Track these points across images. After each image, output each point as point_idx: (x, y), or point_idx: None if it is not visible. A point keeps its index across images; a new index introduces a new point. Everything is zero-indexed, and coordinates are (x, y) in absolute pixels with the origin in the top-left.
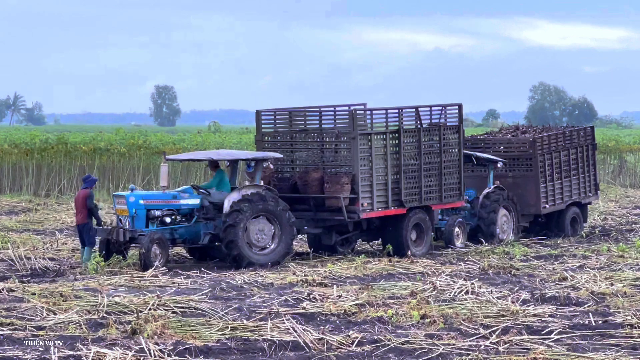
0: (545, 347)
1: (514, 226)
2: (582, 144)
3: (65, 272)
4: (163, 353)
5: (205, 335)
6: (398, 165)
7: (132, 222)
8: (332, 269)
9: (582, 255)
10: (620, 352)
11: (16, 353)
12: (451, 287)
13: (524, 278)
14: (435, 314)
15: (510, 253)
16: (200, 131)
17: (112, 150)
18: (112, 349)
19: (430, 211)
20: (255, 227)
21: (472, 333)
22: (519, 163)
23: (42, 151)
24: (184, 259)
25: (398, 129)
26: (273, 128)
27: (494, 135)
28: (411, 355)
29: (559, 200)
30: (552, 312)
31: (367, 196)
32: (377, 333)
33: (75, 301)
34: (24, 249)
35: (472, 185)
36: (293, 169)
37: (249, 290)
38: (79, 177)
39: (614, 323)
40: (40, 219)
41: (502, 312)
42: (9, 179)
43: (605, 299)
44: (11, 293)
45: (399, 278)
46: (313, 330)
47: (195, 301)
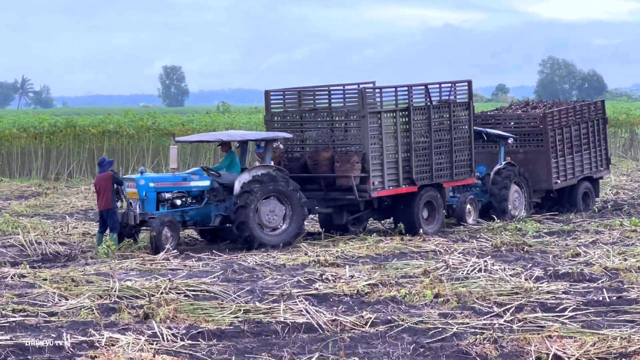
0: (559, 324)
1: (526, 202)
2: (593, 118)
3: (77, 257)
4: (176, 337)
5: (218, 319)
6: (408, 143)
7: (142, 205)
8: (344, 248)
9: (594, 230)
10: (635, 327)
11: (29, 339)
12: (464, 265)
13: (537, 254)
14: (448, 292)
15: (522, 229)
16: (209, 112)
17: (121, 132)
18: (125, 333)
19: (442, 189)
20: (266, 208)
21: (486, 311)
22: (530, 139)
23: (50, 135)
24: (195, 241)
25: (408, 107)
26: (282, 108)
27: (504, 111)
28: (425, 335)
29: (570, 176)
30: (566, 289)
31: (377, 175)
32: (391, 313)
33: (86, 286)
34: (34, 233)
35: (483, 162)
36: (303, 148)
37: (261, 272)
38: (89, 160)
39: (628, 299)
40: (50, 203)
41: (516, 289)
42: (17, 163)
43: (619, 274)
44: (22, 279)
45: (411, 257)
46: (326, 312)
47: (207, 284)
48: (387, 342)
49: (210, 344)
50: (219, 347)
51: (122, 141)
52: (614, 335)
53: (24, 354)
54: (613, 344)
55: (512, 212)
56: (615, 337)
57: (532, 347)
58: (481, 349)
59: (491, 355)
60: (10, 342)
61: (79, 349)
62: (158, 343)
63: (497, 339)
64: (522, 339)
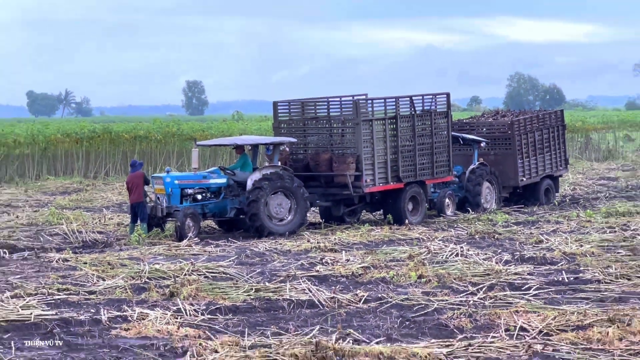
0: (525, 301)
1: (496, 197)
2: (554, 125)
3: (112, 244)
4: (197, 312)
5: (233, 297)
6: (396, 147)
7: (168, 199)
8: (340, 236)
9: (555, 220)
10: (589, 304)
11: (72, 314)
12: (443, 251)
13: (506, 241)
14: (430, 274)
15: (493, 220)
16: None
17: (150, 137)
18: (154, 309)
19: (424, 185)
20: (274, 202)
21: (462, 290)
22: (500, 142)
23: (90, 139)
24: (213, 230)
25: (395, 115)
26: (288, 116)
27: (477, 119)
28: (410, 310)
29: (534, 174)
30: (531, 271)
31: (369, 173)
32: (381, 291)
33: (120, 269)
34: (76, 224)
35: (460, 162)
36: (306, 151)
37: (270, 257)
38: (122, 162)
39: (583, 279)
40: (89, 198)
41: (488, 271)
42: (62, 164)
43: (575, 258)
44: (66, 262)
45: (398, 243)
46: (326, 290)
47: (224, 267)
48: (378, 316)
49: (227, 318)
50: (234, 320)
51: (151, 145)
52: (572, 310)
53: (67, 327)
54: (571, 317)
55: (484, 205)
56: (572, 312)
57: (501, 321)
58: (458, 322)
59: (467, 328)
60: (55, 317)
61: (114, 322)
62: (182, 317)
63: (471, 314)
64: (493, 313)
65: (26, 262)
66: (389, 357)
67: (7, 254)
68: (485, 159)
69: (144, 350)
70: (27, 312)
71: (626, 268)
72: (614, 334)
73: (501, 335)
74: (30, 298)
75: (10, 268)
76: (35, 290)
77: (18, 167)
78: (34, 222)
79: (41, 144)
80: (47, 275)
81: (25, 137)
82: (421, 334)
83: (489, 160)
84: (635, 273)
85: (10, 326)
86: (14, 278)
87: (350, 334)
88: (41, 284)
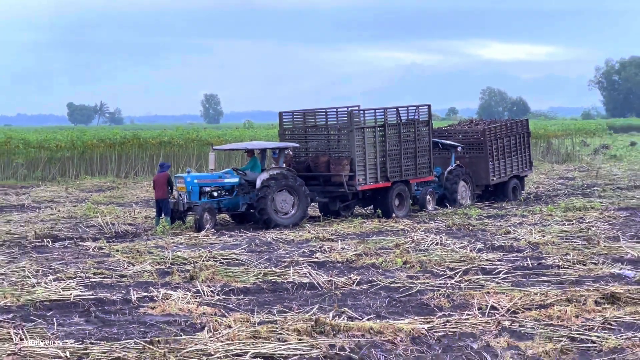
0: (495, 283)
1: (471, 194)
2: (520, 132)
3: (141, 234)
4: (213, 293)
5: (244, 279)
6: (384, 151)
7: (189, 196)
8: (337, 228)
9: (521, 214)
10: (550, 286)
11: (106, 295)
12: (425, 240)
13: (479, 232)
14: (413, 260)
15: (468, 214)
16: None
17: (173, 142)
18: (176, 290)
19: (409, 184)
20: (280, 198)
21: (441, 274)
22: (473, 147)
23: (121, 144)
24: (227, 222)
25: (384, 124)
26: (292, 124)
27: (454, 127)
28: (397, 292)
29: (503, 174)
30: (500, 258)
31: (361, 173)
32: (371, 275)
33: (148, 256)
34: (109, 217)
35: (439, 164)
36: (307, 154)
37: (276, 245)
38: (149, 163)
39: (545, 265)
40: (121, 195)
41: (463, 258)
42: (97, 165)
43: (539, 247)
44: (100, 250)
45: (386, 234)
46: (324, 274)
47: (236, 254)
48: (369, 296)
49: (239, 298)
50: (245, 300)
51: (173, 149)
52: (535, 292)
53: (102, 306)
54: (534, 298)
55: (460, 201)
56: (536, 293)
57: (475, 300)
58: (437, 302)
59: (445, 306)
60: (91, 297)
61: (142, 302)
62: (200, 297)
63: (449, 295)
64: (467, 294)
65: (66, 250)
66: (378, 331)
67: (50, 243)
68: (462, 161)
69: (168, 325)
70: (67, 293)
71: (582, 255)
72: (571, 311)
73: (475, 313)
74: (70, 281)
75: (53, 255)
76: (74, 274)
77: (59, 168)
78: (73, 216)
79: (79, 148)
80: (85, 261)
81: (66, 143)
82: (406, 312)
83: (464, 163)
84: (589, 259)
85: (53, 305)
86: (56, 263)
87: (345, 312)
88: (79, 269)
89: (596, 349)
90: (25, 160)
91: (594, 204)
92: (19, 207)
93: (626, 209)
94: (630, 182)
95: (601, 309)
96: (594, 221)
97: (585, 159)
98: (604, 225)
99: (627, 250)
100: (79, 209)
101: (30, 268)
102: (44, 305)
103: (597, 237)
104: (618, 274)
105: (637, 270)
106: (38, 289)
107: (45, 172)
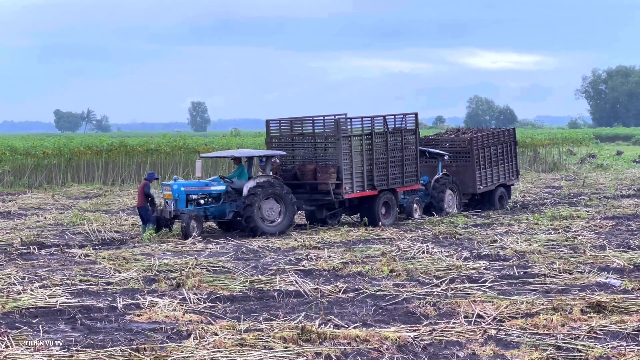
0: (481, 292)
1: (457, 202)
2: (507, 141)
3: (127, 241)
4: (200, 301)
5: (230, 287)
6: (371, 159)
7: (175, 203)
8: (323, 236)
9: (507, 223)
10: (536, 295)
11: (92, 302)
12: (411, 249)
13: (465, 241)
14: (400, 268)
15: (454, 222)
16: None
17: (160, 150)
18: (162, 298)
19: (395, 192)
20: (266, 206)
21: (428, 282)
22: (460, 156)
23: (108, 152)
24: (214, 230)
25: (371, 132)
26: (279, 132)
27: (441, 135)
28: (383, 300)
29: (490, 183)
30: (486, 266)
31: (348, 182)
32: (357, 283)
33: (134, 263)
34: (96, 224)
35: (426, 173)
36: (293, 162)
37: (262, 253)
38: (136, 171)
39: (532, 273)
40: (107, 202)
41: (449, 266)
42: (84, 172)
43: (525, 255)
44: (87, 257)
45: (372, 242)
46: (310, 282)
47: (223, 261)
48: (355, 304)
49: (225, 305)
50: (231, 308)
51: (160, 157)
52: (521, 300)
53: (88, 313)
54: (520, 306)
55: (447, 210)
56: (522, 302)
57: (461, 309)
58: (424, 310)
59: (431, 315)
60: (78, 304)
61: (128, 309)
62: (186, 305)
63: (435, 303)
64: (454, 302)
65: (53, 257)
66: (364, 339)
67: (36, 250)
68: (448, 170)
69: (154, 333)
70: (53, 300)
71: (568, 264)
72: (557, 320)
73: (461, 322)
74: (56, 288)
75: (39, 262)
76: (60, 281)
77: (46, 175)
78: (60, 223)
79: (66, 155)
80: (71, 268)
81: (53, 150)
82: (392, 320)
83: (451, 171)
84: (575, 268)
85: (39, 312)
86: (42, 270)
87: (331, 320)
88: (65, 276)
89: (582, 357)
90: (11, 167)
91: (581, 213)
92: (5, 214)
93: (612, 218)
94: (616, 191)
95: (587, 318)
96: (580, 230)
97: (571, 168)
98: (590, 234)
99: (613, 259)
100: (66, 216)
101: (16, 275)
102: (29, 313)
103: (583, 246)
104: (604, 283)
105: (623, 279)
106: (24, 296)
107: (32, 179)
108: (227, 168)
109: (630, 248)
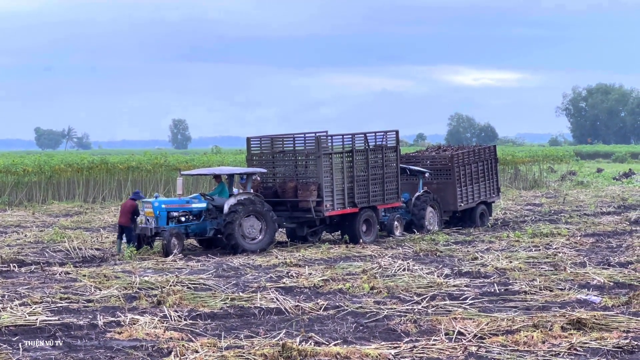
0: (462, 309)
1: (438, 220)
2: (487, 158)
3: (108, 259)
4: (181, 318)
5: (211, 304)
6: (352, 176)
7: (156, 221)
8: (304, 253)
9: (488, 240)
10: (517, 312)
11: (72, 320)
12: (392, 266)
13: (446, 258)
14: (381, 286)
15: (435, 240)
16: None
17: (141, 167)
18: (143, 315)
19: (376, 209)
20: (247, 223)
21: (408, 299)
22: (441, 173)
23: (89, 169)
24: (195, 247)
25: (351, 150)
26: (259, 150)
27: (422, 153)
28: (364, 317)
29: (471, 200)
30: (467, 283)
31: (329, 199)
32: (338, 301)
33: (115, 280)
34: (77, 241)
35: (407, 190)
36: (274, 180)
37: (243, 270)
38: (117, 188)
39: (512, 290)
40: (88, 220)
41: (430, 283)
42: (65, 190)
43: (506, 272)
44: (67, 275)
45: (353, 259)
46: (291, 299)
47: (203, 279)
48: (336, 322)
49: (206, 323)
50: (212, 325)
51: (142, 174)
52: (502, 317)
53: (68, 331)
54: (501, 323)
55: (428, 227)
56: (503, 319)
57: (442, 326)
58: (405, 327)
59: (412, 332)
60: (58, 322)
61: (109, 327)
62: (167, 322)
63: (416, 320)
64: (435, 319)
65: (33, 275)
66: (345, 356)
67: (16, 268)
68: (429, 187)
69: (135, 350)
70: (33, 318)
71: (549, 281)
72: (538, 337)
73: (442, 339)
74: (36, 305)
75: (19, 280)
76: (40, 299)
77: (26, 192)
78: (40, 240)
79: (47, 173)
80: (51, 286)
81: (33, 167)
82: (373, 337)
83: (432, 189)
84: (556, 285)
85: (18, 330)
86: (22, 288)
87: (312, 337)
88: (46, 294)
89: None
90: None
91: (561, 230)
92: None
93: (592, 235)
94: (596, 208)
95: (567, 335)
96: (561, 247)
97: (552, 185)
98: (570, 251)
99: (593, 276)
100: (46, 233)
101: None
102: (9, 331)
103: (563, 263)
104: (584, 300)
105: (603, 296)
106: (4, 313)
107: (12, 196)
108: (208, 185)
109: (610, 265)
